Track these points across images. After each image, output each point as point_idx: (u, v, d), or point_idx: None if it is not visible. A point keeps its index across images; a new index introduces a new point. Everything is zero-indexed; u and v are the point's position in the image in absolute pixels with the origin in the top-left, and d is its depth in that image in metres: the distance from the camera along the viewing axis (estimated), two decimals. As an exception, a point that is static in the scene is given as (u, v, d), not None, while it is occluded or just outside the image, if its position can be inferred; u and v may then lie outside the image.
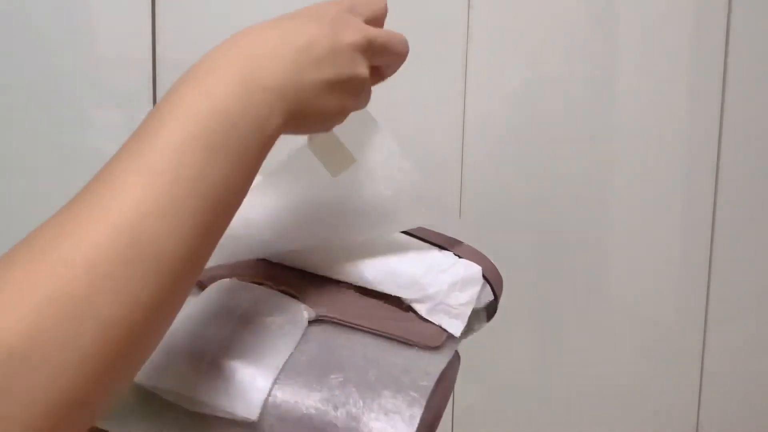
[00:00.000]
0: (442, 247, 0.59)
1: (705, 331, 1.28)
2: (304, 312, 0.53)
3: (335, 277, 0.57)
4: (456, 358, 0.57)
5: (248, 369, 0.47)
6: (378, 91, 1.26)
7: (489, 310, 0.59)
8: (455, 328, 0.55)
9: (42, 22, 1.15)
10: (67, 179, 1.19)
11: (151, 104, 1.18)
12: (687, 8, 1.23)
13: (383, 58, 0.53)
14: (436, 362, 0.52)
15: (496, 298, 0.59)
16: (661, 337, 1.29)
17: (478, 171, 1.23)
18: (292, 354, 0.49)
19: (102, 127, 1.19)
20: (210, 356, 0.48)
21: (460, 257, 0.59)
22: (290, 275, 0.57)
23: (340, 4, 0.50)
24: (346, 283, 0.58)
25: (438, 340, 0.54)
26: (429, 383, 0.49)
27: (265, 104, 0.42)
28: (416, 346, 0.53)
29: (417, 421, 0.46)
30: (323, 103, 0.46)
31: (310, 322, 0.52)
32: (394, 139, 0.57)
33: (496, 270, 0.60)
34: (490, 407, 1.29)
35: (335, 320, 0.53)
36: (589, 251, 1.27)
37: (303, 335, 0.51)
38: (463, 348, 0.59)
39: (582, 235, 1.26)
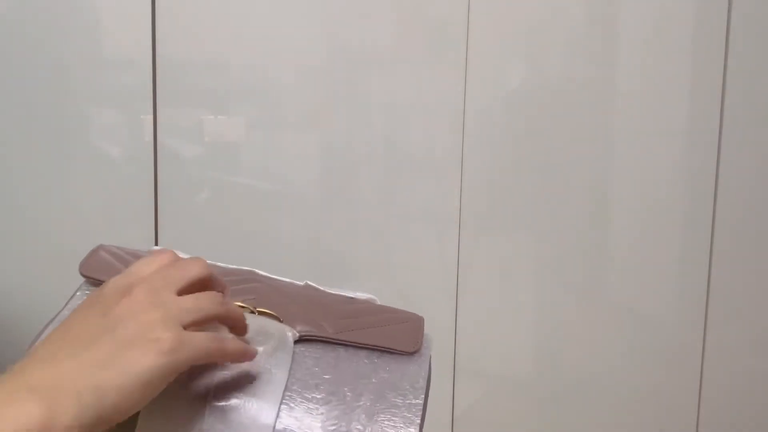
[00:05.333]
0: None
1: (705, 331, 1.28)
2: (289, 334, 0.54)
3: None
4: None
5: (251, 404, 0.49)
6: (379, 91, 1.27)
7: None
8: None
9: (43, 23, 1.15)
10: (67, 179, 1.19)
11: (152, 104, 1.18)
12: (687, 8, 1.23)
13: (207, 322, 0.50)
14: (420, 368, 0.55)
15: None
16: (661, 337, 1.29)
17: (478, 171, 1.23)
18: (287, 380, 0.51)
19: (102, 127, 1.19)
20: (211, 397, 0.49)
21: None
22: (265, 292, 0.58)
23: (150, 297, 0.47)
24: (316, 291, 0.61)
25: (416, 342, 0.56)
26: (419, 400, 0.51)
27: None
28: (398, 353, 0.55)
29: None
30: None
31: (295, 342, 0.54)
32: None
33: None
34: (490, 407, 1.29)
35: (319, 338, 0.55)
36: (589, 251, 1.27)
37: (291, 359, 0.52)
38: (464, 348, 0.61)
39: (582, 235, 1.26)
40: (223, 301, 0.49)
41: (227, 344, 0.48)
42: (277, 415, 0.49)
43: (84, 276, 0.58)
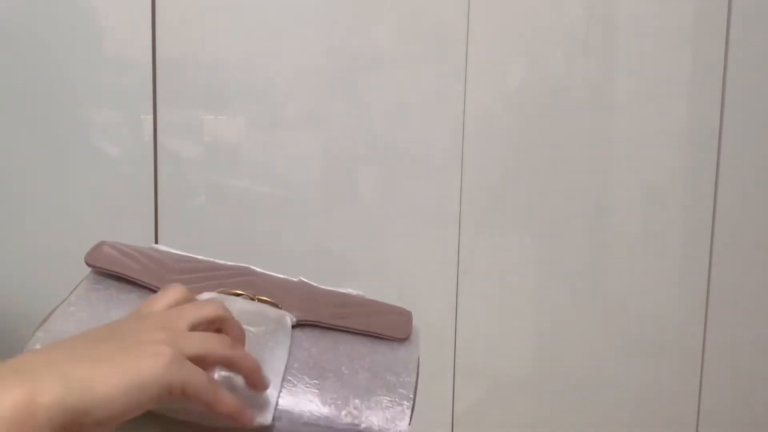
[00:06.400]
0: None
1: (705, 330, 1.28)
2: (287, 318, 0.56)
3: None
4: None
5: None
6: (379, 91, 1.27)
7: None
8: None
9: (43, 23, 1.15)
10: (68, 179, 1.19)
11: (151, 104, 1.18)
12: (687, 8, 1.23)
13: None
14: (410, 354, 0.58)
15: None
16: (661, 336, 1.29)
17: (478, 171, 1.23)
18: (287, 358, 0.53)
19: (102, 127, 1.19)
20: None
21: None
22: (262, 285, 0.60)
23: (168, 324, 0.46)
24: (310, 286, 0.64)
25: (406, 331, 0.60)
26: (411, 378, 0.55)
27: None
28: (390, 339, 0.58)
29: (410, 413, 0.52)
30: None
31: (293, 327, 0.56)
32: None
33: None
34: (490, 407, 1.29)
35: (315, 323, 0.57)
36: (589, 251, 1.27)
37: (290, 341, 0.55)
38: (464, 348, 0.63)
39: (582, 235, 1.26)
40: (232, 345, 0.48)
41: (222, 395, 0.46)
42: (280, 391, 0.51)
43: (89, 265, 0.59)
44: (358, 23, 1.20)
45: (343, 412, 0.51)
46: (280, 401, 0.50)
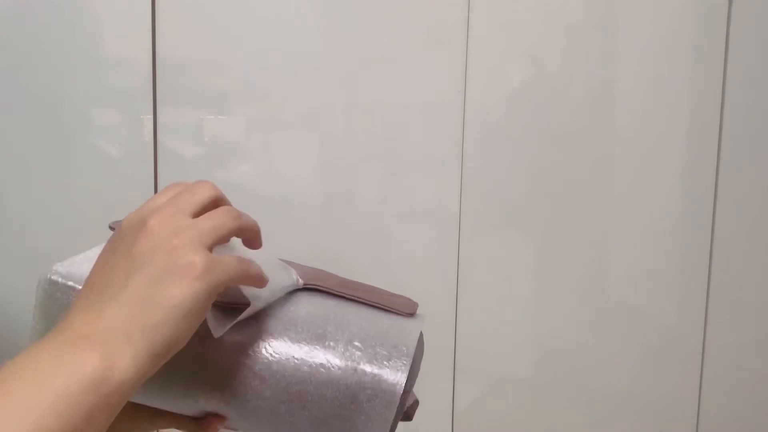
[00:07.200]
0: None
1: (705, 331, 1.29)
2: (297, 277, 0.58)
3: None
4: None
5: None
6: (378, 90, 1.27)
7: None
8: None
9: (42, 23, 1.15)
10: (68, 179, 1.19)
11: (151, 104, 1.18)
12: (687, 8, 1.23)
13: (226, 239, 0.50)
14: (415, 324, 0.59)
15: None
16: (661, 337, 1.29)
17: (478, 171, 1.23)
18: (290, 308, 0.54)
19: (102, 127, 1.19)
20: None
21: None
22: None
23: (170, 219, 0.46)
24: (324, 271, 0.65)
25: (413, 308, 0.60)
26: (413, 343, 0.55)
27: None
28: (395, 313, 0.59)
29: (408, 367, 0.52)
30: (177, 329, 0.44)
31: (301, 289, 0.57)
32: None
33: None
34: (490, 407, 1.29)
35: (323, 288, 0.58)
36: (588, 251, 1.27)
37: (297, 297, 0.56)
38: (464, 348, 0.61)
39: (582, 235, 1.26)
40: (238, 214, 0.49)
41: (251, 267, 0.48)
42: (282, 334, 0.51)
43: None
44: (358, 23, 1.20)
45: (344, 355, 0.51)
46: (280, 345, 0.51)
